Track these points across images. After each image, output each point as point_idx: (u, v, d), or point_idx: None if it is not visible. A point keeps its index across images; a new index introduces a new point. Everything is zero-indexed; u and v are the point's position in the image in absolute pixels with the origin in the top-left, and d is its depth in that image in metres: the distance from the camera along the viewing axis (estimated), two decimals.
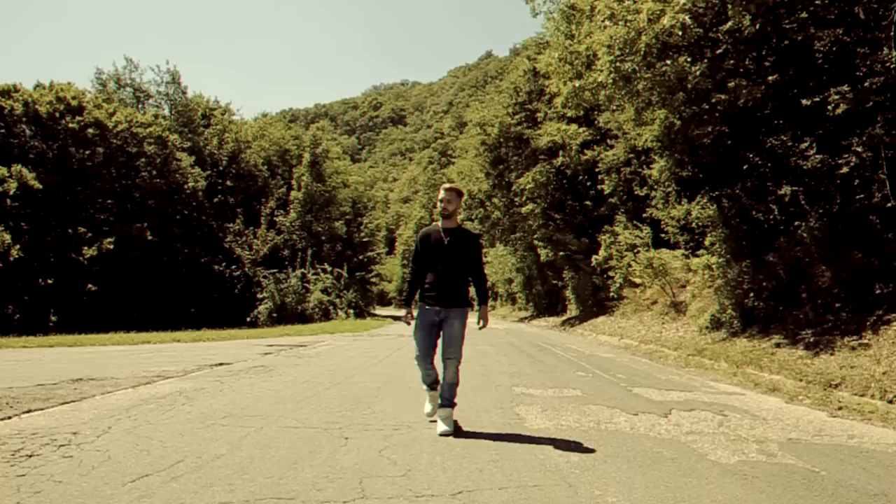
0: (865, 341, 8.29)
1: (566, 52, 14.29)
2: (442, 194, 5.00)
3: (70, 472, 3.50)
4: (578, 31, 14.56)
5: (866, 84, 9.57)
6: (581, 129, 24.60)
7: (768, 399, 7.01)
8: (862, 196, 10.24)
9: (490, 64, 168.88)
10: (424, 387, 5.16)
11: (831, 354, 8.49)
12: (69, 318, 28.44)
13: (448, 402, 4.92)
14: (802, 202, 12.49)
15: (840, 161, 10.14)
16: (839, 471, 3.90)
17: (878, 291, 9.27)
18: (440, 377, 5.06)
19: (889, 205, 9.53)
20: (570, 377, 8.63)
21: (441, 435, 4.67)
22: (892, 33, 9.13)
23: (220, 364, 9.86)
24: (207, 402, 6.01)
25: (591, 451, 4.28)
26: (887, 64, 8.91)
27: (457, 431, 4.79)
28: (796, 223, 12.67)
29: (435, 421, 4.96)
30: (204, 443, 4.27)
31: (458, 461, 3.93)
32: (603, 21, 12.07)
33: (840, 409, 6.21)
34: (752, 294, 12.26)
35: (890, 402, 6.07)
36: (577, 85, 14.04)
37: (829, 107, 10.11)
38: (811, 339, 9.51)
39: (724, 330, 12.60)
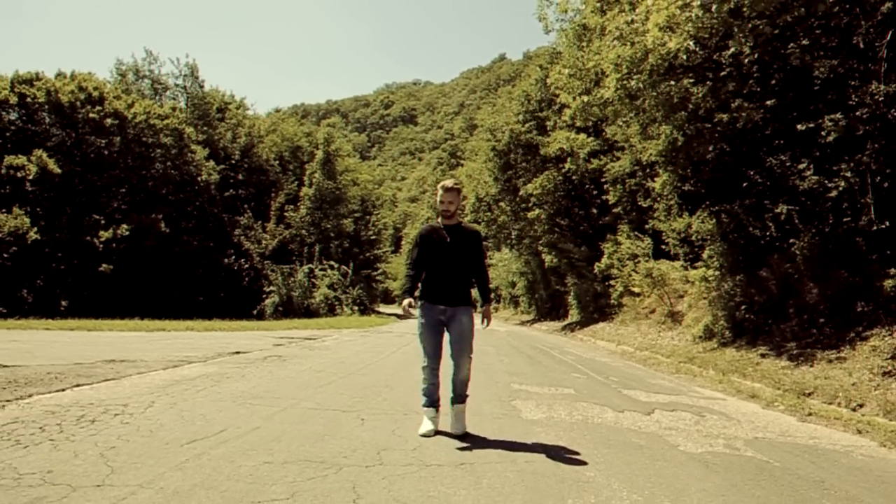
0: (843, 355, 8.86)
1: (576, 69, 14.88)
2: (441, 194, 4.80)
3: (132, 434, 4.13)
4: (589, 48, 15.15)
5: (857, 113, 10.15)
6: (589, 139, 25.19)
7: (747, 404, 7.59)
8: (849, 219, 10.80)
9: (503, 67, 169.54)
10: (423, 401, 4.86)
11: (810, 366, 9.07)
12: (81, 303, 29.16)
13: (461, 397, 4.89)
14: (796, 221, 13.05)
15: (830, 185, 10.70)
16: (791, 463, 4.50)
17: (859, 309, 9.84)
18: (440, 391, 4.93)
19: (874, 228, 10.08)
20: (565, 378, 9.23)
21: (453, 431, 4.71)
22: (882, 68, 9.69)
23: (237, 352, 10.49)
24: (234, 385, 6.64)
25: (577, 438, 4.88)
26: (876, 97, 9.47)
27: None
28: (791, 241, 13.22)
29: (429, 435, 4.63)
30: (240, 417, 4.89)
31: (461, 441, 4.53)
32: (612, 41, 12.64)
33: (809, 414, 6.79)
34: (743, 307, 12.83)
35: (853, 409, 6.66)
36: (585, 100, 14.63)
37: (823, 133, 10.70)
38: (794, 352, 10.08)
39: (715, 340, 13.17)
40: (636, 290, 19.75)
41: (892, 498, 3.78)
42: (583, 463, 4.09)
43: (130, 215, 32.37)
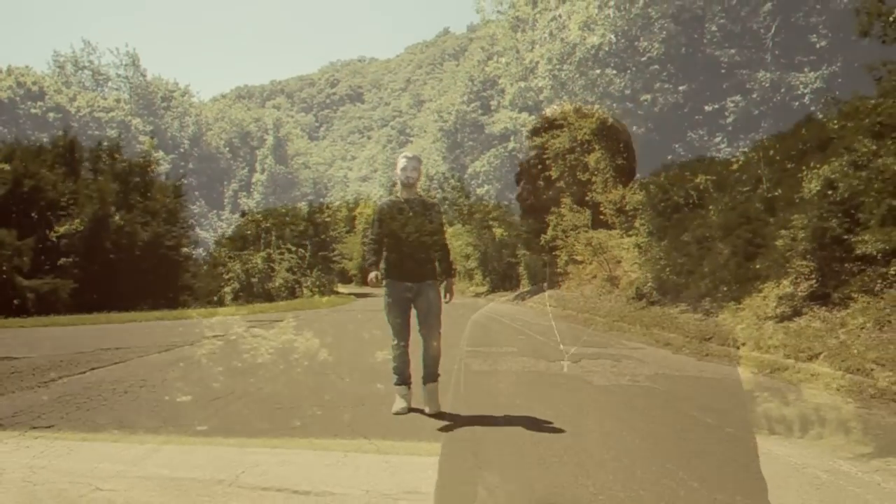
0: (742, 306, 10.52)
1: (513, 56, 16.14)
2: (403, 163, 4.81)
3: (165, 398, 5.26)
4: (523, 36, 16.41)
5: (753, 97, 11.74)
6: (531, 118, 26.59)
7: (660, 351, 9.13)
8: (749, 188, 12.47)
9: (447, 41, 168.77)
10: (393, 379, 4.83)
11: (716, 317, 10.72)
12: (34, 301, 29.12)
13: (433, 375, 4.89)
14: (711, 190, 14.74)
15: (732, 159, 12.33)
16: (673, 388, 5.96)
17: (758, 266, 11.52)
18: (412, 368, 4.96)
19: (768, 195, 11.77)
20: (511, 339, 10.64)
21: (429, 415, 4.69)
22: (769, 57, 11.26)
23: (217, 336, 11.51)
24: (227, 361, 7.75)
25: (513, 381, 6.24)
26: (763, 83, 11.05)
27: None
28: (709, 207, 14.90)
29: (402, 413, 4.72)
30: (245, 383, 6.05)
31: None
32: (544, 36, 13.92)
33: (707, 355, 8.35)
34: (668, 269, 14.48)
35: (737, 348, 8.24)
36: (522, 86, 15.94)
37: (726, 113, 12.28)
38: (707, 306, 11.76)
39: (644, 300, 14.83)
40: (579, 258, 21.37)
41: (732, 402, 5.26)
42: (514, 396, 5.43)
43: (83, 209, 32.27)
